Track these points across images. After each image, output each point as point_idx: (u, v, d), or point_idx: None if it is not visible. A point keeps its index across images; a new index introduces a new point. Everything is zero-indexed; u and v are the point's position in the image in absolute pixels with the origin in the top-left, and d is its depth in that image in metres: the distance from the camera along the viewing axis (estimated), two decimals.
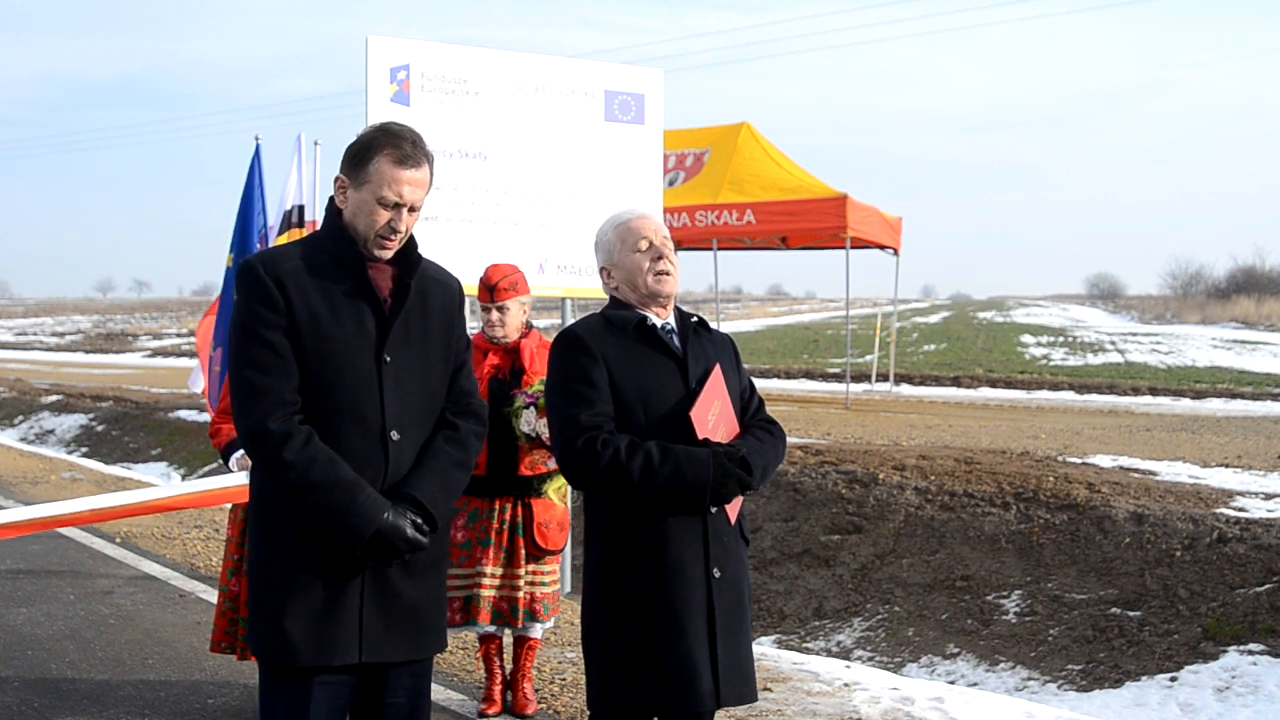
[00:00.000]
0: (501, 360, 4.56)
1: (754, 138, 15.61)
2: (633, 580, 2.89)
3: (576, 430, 2.84)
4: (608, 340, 2.96)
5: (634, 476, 2.80)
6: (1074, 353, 27.50)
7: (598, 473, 2.83)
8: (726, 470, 2.86)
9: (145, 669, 5.28)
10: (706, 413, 2.92)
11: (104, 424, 17.54)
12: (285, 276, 2.62)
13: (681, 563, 2.88)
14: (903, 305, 65.21)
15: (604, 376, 2.90)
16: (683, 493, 2.83)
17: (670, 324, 3.06)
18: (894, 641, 7.36)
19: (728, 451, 2.88)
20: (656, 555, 2.87)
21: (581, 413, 2.86)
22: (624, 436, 2.85)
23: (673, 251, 3.08)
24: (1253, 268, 59.84)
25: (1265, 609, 6.44)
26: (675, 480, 2.82)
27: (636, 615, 2.89)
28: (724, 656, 2.90)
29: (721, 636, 2.91)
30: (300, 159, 6.81)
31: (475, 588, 4.47)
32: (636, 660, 2.89)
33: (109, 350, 38.41)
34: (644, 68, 6.77)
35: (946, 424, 13.29)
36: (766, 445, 3.03)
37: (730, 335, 3.25)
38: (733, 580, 2.97)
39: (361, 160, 2.67)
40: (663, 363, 2.97)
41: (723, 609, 2.92)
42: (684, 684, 2.86)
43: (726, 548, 2.96)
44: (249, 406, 2.58)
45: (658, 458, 2.81)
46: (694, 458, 2.84)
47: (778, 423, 3.16)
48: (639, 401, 2.91)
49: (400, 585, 2.68)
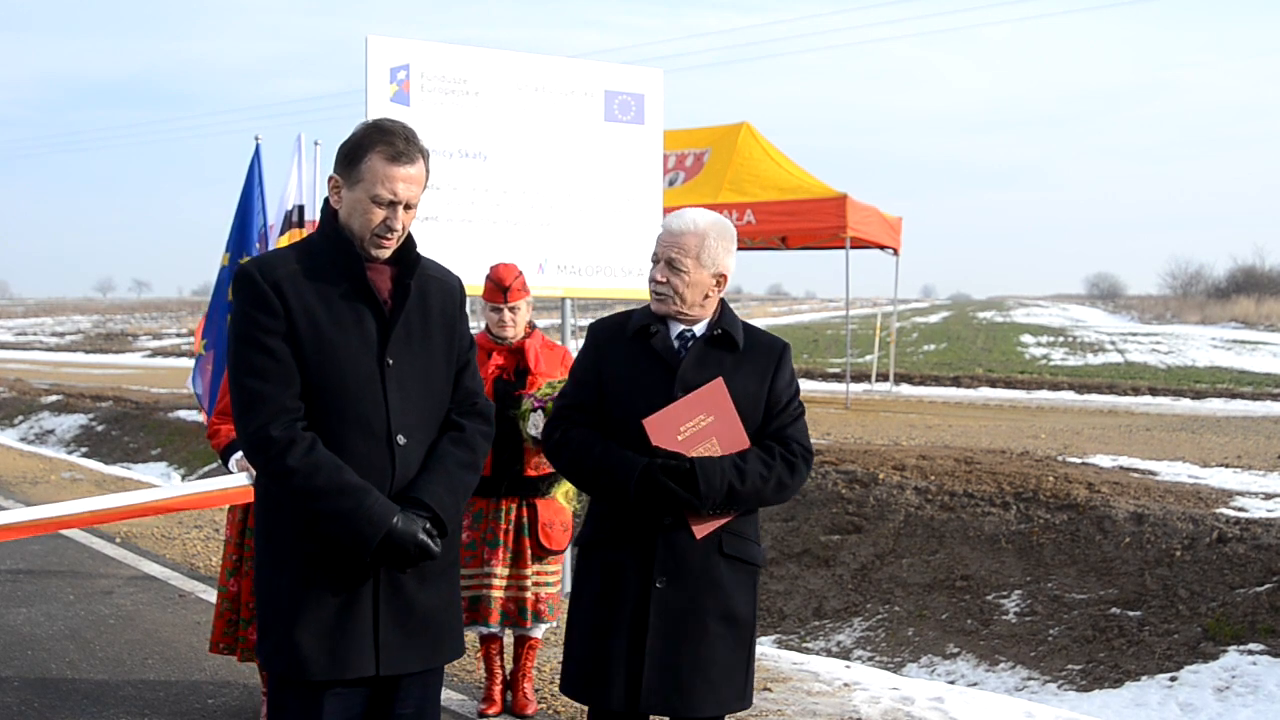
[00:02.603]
0: (506, 360, 4.56)
1: (754, 138, 15.60)
2: (581, 570, 3.06)
3: (554, 416, 3.09)
4: (614, 337, 3.04)
5: (562, 462, 3.01)
6: (1074, 353, 27.49)
7: (549, 451, 3.05)
8: (655, 482, 2.82)
9: (145, 669, 5.28)
10: (676, 423, 2.86)
11: (104, 424, 17.54)
12: (283, 281, 2.56)
13: (620, 565, 2.94)
14: (903, 305, 65.20)
15: (595, 371, 3.02)
16: (608, 492, 2.94)
17: (692, 332, 2.99)
18: (894, 641, 7.36)
19: (665, 465, 2.82)
20: (597, 552, 3.01)
21: (562, 400, 3.11)
22: (579, 429, 2.98)
23: (685, 267, 2.93)
24: (1253, 268, 59.86)
25: (1265, 609, 6.44)
26: (600, 477, 2.93)
27: (576, 604, 3.06)
28: (653, 664, 2.86)
29: (655, 640, 2.87)
30: (300, 159, 6.81)
31: (484, 588, 4.47)
32: (571, 647, 3.04)
33: (109, 350, 38.37)
34: (644, 68, 6.76)
35: (946, 424, 13.29)
36: (749, 465, 2.87)
37: (785, 342, 3.11)
38: (686, 596, 2.89)
39: (354, 159, 2.61)
40: (654, 369, 2.95)
41: (663, 619, 2.87)
42: (596, 679, 2.92)
43: (682, 560, 2.89)
44: (250, 414, 2.52)
45: (596, 451, 2.93)
46: (623, 461, 2.87)
47: (801, 443, 2.98)
48: (619, 402, 2.96)
49: (415, 593, 2.62)
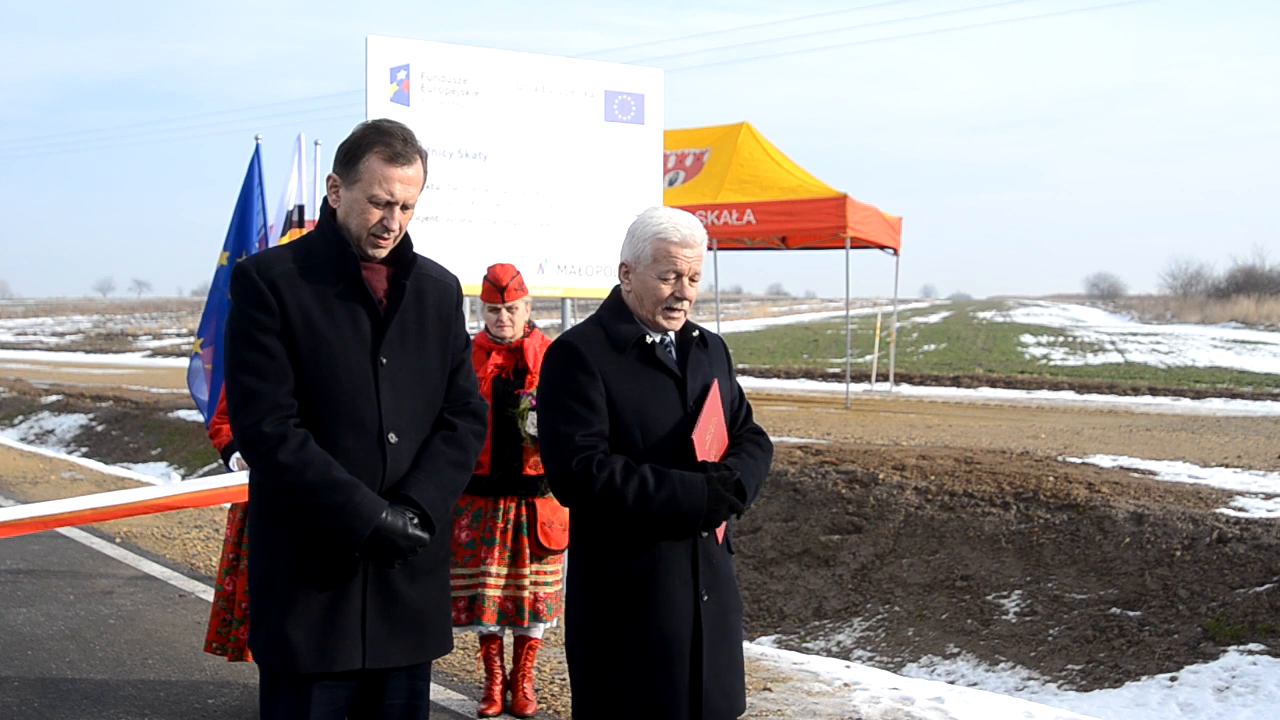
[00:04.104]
0: (505, 360, 4.56)
1: (754, 138, 15.61)
2: (618, 605, 2.80)
3: (571, 450, 2.73)
4: (606, 355, 2.82)
5: (628, 501, 2.70)
6: (1074, 353, 27.48)
7: (591, 495, 2.72)
8: (720, 496, 2.77)
9: (145, 669, 5.28)
10: (705, 433, 2.84)
11: (104, 424, 17.53)
12: (279, 279, 2.59)
13: (671, 590, 2.79)
14: (903, 305, 65.21)
15: (601, 395, 2.77)
16: (677, 519, 2.75)
17: (670, 338, 2.93)
18: (894, 641, 7.36)
19: (722, 477, 2.79)
20: (646, 581, 2.78)
21: (576, 432, 2.74)
22: (619, 458, 2.74)
23: (698, 282, 2.93)
24: (1253, 268, 59.87)
25: (1265, 609, 6.44)
26: (670, 506, 2.73)
27: (620, 644, 2.79)
28: (708, 680, 2.82)
29: (707, 660, 2.83)
30: (300, 159, 6.82)
31: (480, 587, 4.47)
32: (616, 691, 2.80)
33: (109, 350, 38.35)
34: (644, 68, 6.76)
35: (946, 424, 13.29)
36: (759, 463, 2.94)
37: (722, 338, 3.14)
38: (720, 601, 2.88)
39: (352, 159, 2.63)
40: (661, 381, 2.85)
41: (710, 631, 2.84)
42: (663, 717, 2.79)
43: (715, 569, 2.89)
44: (243, 410, 2.55)
45: (653, 483, 2.71)
46: (689, 484, 2.75)
47: (764, 432, 3.07)
48: (637, 422, 2.79)
49: (403, 589, 2.66)
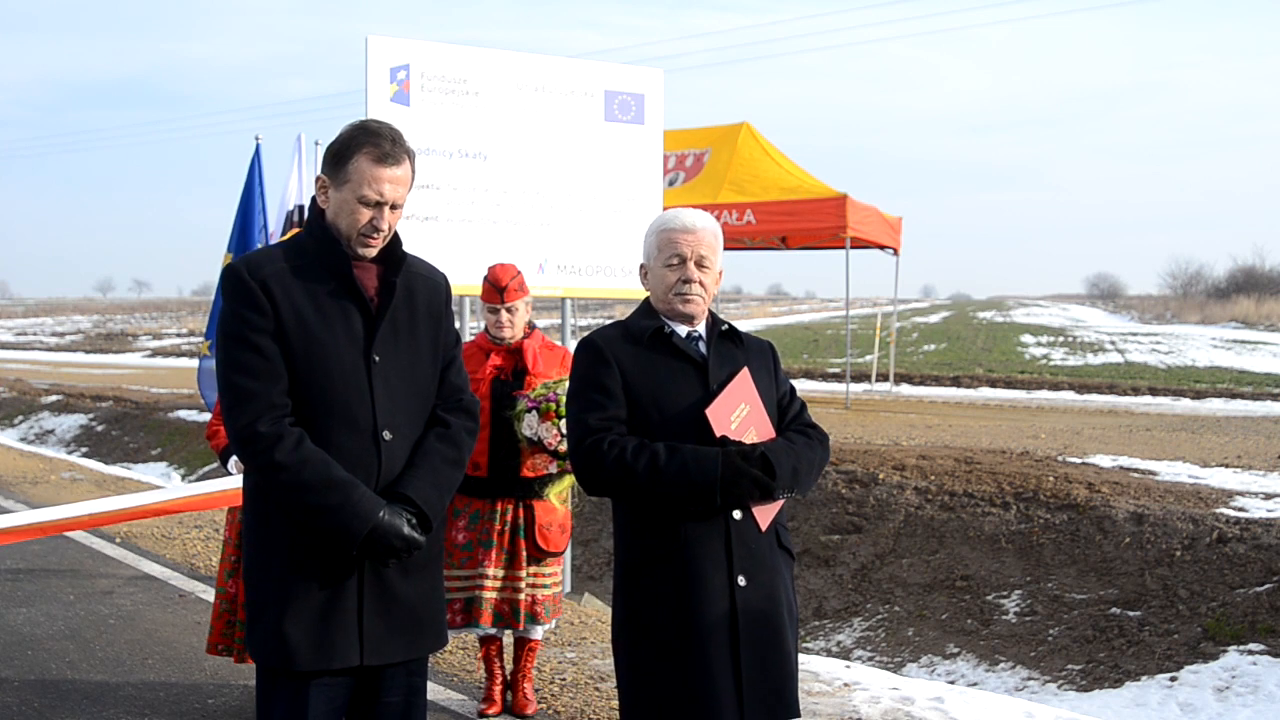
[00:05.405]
0: (504, 361, 4.54)
1: (754, 138, 15.61)
2: (652, 586, 2.81)
3: (585, 432, 2.81)
4: (624, 346, 2.89)
5: (639, 476, 2.73)
6: (1074, 353, 27.48)
7: (604, 472, 2.76)
8: (738, 468, 2.73)
9: (145, 669, 5.28)
10: (728, 412, 2.83)
11: (104, 424, 17.54)
12: (270, 279, 2.61)
13: (701, 569, 2.76)
14: (903, 305, 65.19)
15: (617, 381, 2.84)
16: (692, 491, 2.73)
17: (698, 332, 2.95)
18: (894, 641, 7.36)
19: (741, 450, 2.76)
20: (674, 560, 2.78)
21: (591, 416, 2.81)
22: (632, 438, 2.78)
23: (713, 265, 2.93)
24: (1253, 268, 59.84)
25: (1265, 609, 6.44)
26: (681, 478, 2.72)
27: (656, 627, 2.80)
28: (750, 670, 2.77)
29: (746, 648, 2.77)
30: (301, 159, 6.83)
31: (476, 589, 4.46)
32: (656, 676, 2.79)
33: (109, 350, 38.36)
34: (644, 68, 6.76)
35: (946, 424, 13.29)
36: (799, 447, 2.89)
37: (771, 342, 3.13)
38: (767, 591, 2.81)
39: (341, 159, 2.65)
40: (681, 367, 2.87)
41: (749, 618, 2.77)
42: (702, 706, 2.74)
43: (755, 555, 2.81)
44: (238, 411, 2.56)
45: (664, 456, 2.73)
46: (701, 455, 2.73)
47: (819, 428, 3.02)
48: (653, 404, 2.83)
49: (398, 585, 2.67)
